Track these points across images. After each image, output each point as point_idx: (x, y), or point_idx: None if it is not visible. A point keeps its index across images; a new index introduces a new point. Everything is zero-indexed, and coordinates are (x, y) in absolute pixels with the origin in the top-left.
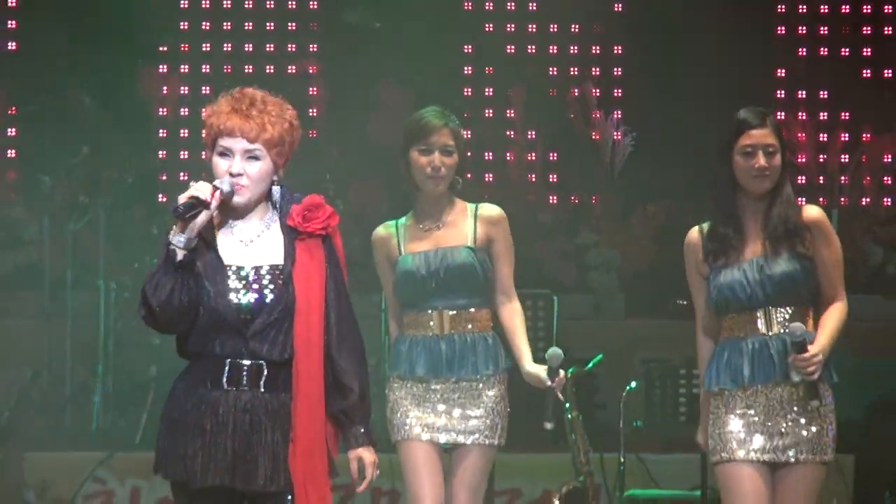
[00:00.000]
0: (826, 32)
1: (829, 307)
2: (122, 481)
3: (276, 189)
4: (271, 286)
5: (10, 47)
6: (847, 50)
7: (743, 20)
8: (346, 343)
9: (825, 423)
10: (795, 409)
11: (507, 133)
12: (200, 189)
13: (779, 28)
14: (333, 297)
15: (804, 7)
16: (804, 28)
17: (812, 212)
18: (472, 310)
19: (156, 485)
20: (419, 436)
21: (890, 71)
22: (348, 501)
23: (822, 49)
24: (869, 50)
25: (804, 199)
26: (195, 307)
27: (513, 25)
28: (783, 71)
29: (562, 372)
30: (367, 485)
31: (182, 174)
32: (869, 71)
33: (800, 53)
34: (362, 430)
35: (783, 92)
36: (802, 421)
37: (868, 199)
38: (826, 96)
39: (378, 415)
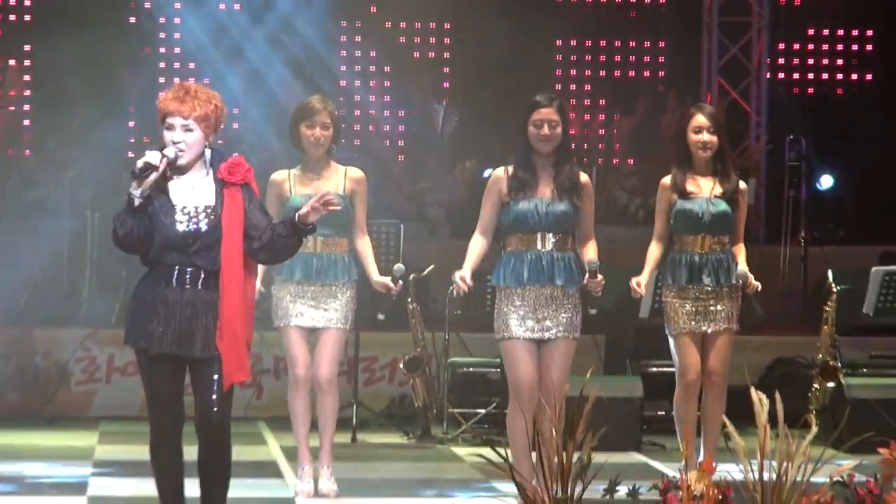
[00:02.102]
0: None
1: (587, 242)
2: (101, 349)
3: (207, 151)
4: (206, 220)
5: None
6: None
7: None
8: (266, 231)
9: (575, 312)
10: (554, 303)
11: (371, 112)
12: (152, 157)
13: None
14: (253, 217)
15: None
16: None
17: (584, 177)
18: (336, 238)
19: (125, 352)
20: (296, 322)
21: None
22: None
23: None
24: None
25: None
26: (150, 236)
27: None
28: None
29: (400, 282)
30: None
31: (145, 139)
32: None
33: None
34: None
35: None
36: (557, 311)
37: (617, 160)
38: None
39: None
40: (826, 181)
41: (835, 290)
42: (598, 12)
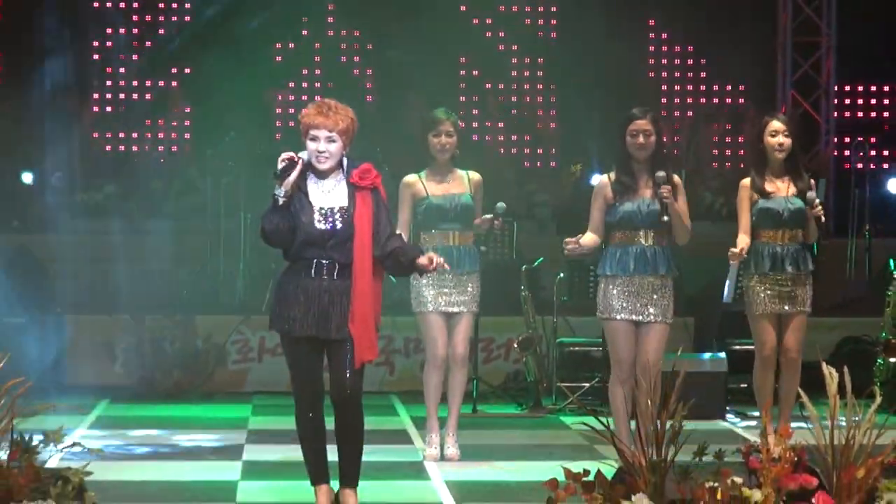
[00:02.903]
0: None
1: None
2: (254, 332)
3: (344, 159)
4: (340, 219)
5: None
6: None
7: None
8: (389, 241)
9: (671, 299)
10: (655, 291)
11: (486, 123)
12: (287, 158)
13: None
14: (380, 221)
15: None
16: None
17: (676, 178)
18: (467, 231)
19: (274, 336)
20: (436, 308)
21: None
22: (389, 346)
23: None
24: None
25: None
26: (293, 232)
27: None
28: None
29: (500, 218)
30: (437, 259)
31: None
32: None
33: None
34: (413, 251)
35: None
36: (658, 297)
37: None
38: (678, 101)
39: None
40: (893, 185)
41: None
42: (689, 36)
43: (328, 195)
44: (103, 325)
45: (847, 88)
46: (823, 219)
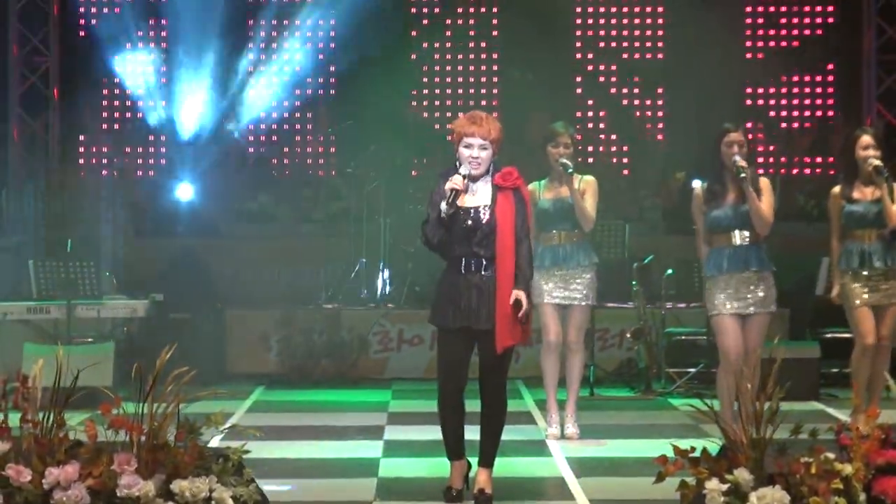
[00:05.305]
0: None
1: None
2: (393, 325)
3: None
4: (484, 217)
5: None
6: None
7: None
8: (521, 246)
9: (769, 290)
10: (751, 285)
11: (601, 136)
12: (456, 182)
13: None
14: (519, 222)
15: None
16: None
17: (763, 181)
18: (575, 230)
19: (412, 327)
20: (548, 300)
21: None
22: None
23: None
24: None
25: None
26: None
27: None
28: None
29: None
30: (522, 313)
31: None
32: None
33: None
34: (522, 286)
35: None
36: (755, 290)
37: (796, 171)
38: (774, 115)
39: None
40: None
41: None
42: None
43: (475, 196)
44: (259, 319)
45: None
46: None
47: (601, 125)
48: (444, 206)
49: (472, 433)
